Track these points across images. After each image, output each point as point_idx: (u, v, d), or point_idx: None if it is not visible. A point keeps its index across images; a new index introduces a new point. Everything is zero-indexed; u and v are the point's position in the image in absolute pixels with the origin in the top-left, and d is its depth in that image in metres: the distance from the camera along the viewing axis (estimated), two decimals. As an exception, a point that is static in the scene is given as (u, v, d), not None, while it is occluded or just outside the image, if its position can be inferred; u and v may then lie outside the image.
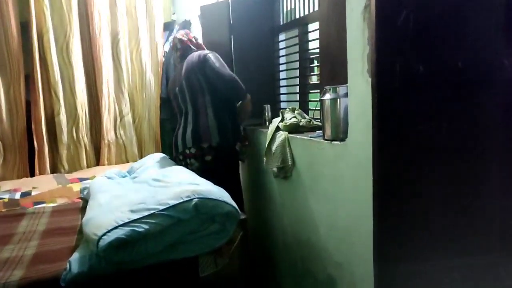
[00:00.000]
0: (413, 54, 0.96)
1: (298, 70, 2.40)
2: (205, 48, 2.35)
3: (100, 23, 2.93)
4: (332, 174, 1.60)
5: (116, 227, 1.25)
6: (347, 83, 1.64)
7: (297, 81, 2.48)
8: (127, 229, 1.24)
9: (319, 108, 1.77)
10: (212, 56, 2.15)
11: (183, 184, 1.54)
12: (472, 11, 1.02)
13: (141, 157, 3.17)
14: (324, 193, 1.67)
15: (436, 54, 0.98)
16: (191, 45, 2.31)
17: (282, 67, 2.43)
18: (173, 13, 3.47)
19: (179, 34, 2.40)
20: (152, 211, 1.30)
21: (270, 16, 2.36)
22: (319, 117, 1.82)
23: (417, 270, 1.14)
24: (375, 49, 0.93)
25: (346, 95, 1.58)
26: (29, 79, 2.79)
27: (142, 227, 1.25)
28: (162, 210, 1.30)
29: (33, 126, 2.81)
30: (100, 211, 1.43)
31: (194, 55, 2.20)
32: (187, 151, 2.16)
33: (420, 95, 0.98)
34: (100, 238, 1.22)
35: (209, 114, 2.12)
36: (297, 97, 2.41)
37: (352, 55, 1.43)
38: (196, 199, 1.33)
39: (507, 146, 1.08)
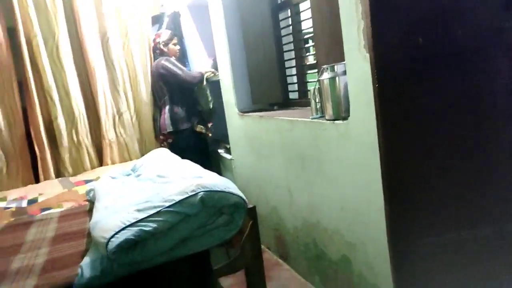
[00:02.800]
0: (411, 26, 0.92)
1: (293, 52, 2.36)
2: (165, 50, 3.03)
3: (88, 23, 2.87)
4: (338, 154, 1.58)
5: (123, 228, 1.23)
6: (344, 61, 1.62)
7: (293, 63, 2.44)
8: (135, 229, 1.23)
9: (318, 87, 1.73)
10: (166, 62, 2.95)
11: (187, 178, 1.52)
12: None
13: (143, 153, 3.15)
14: (332, 174, 1.65)
15: (434, 23, 0.93)
16: (156, 49, 3.07)
17: (285, 47, 2.39)
18: (162, 5, 3.40)
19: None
20: (159, 209, 1.28)
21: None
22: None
23: (431, 245, 1.12)
24: (371, 23, 0.89)
25: (344, 72, 1.54)
26: (23, 85, 2.75)
27: (150, 226, 1.24)
28: (169, 206, 1.28)
29: (32, 133, 2.79)
30: (106, 213, 1.42)
31: (156, 64, 3.02)
32: (160, 136, 3.08)
33: (421, 67, 0.94)
34: (109, 240, 1.21)
35: (166, 109, 2.98)
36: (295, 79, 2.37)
37: (347, 32, 1.39)
38: (202, 193, 1.30)
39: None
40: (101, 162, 3.05)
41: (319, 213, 1.82)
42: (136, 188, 1.74)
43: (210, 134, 3.10)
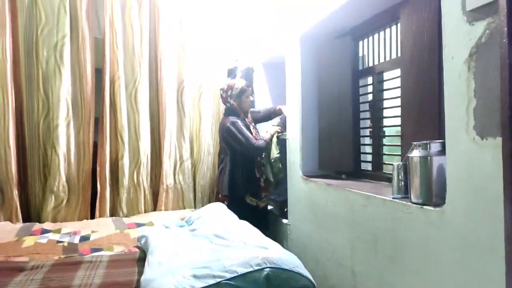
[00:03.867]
0: None
1: (369, 121, 2.24)
2: (235, 104, 2.86)
3: (169, 69, 3.00)
4: (424, 244, 1.36)
5: (178, 296, 1.10)
6: (438, 139, 1.45)
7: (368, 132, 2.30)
8: (190, 299, 1.09)
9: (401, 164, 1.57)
10: (231, 126, 2.74)
11: (250, 246, 1.39)
12: None
13: (195, 203, 3.10)
14: (412, 266, 1.42)
15: None
16: (227, 102, 2.90)
17: (363, 115, 2.28)
18: (236, 60, 3.50)
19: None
20: (218, 280, 1.15)
21: (352, 60, 2.25)
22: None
23: None
24: (510, 107, 0.74)
25: (439, 152, 1.37)
26: (98, 122, 2.87)
27: (206, 298, 1.10)
28: (230, 279, 1.14)
29: (98, 169, 2.85)
30: (160, 272, 1.30)
31: (222, 122, 2.88)
32: (219, 195, 2.93)
33: None
34: (161, 308, 1.08)
35: (227, 170, 2.83)
36: (371, 148, 2.21)
37: (452, 109, 1.23)
38: (268, 269, 1.16)
39: None
40: (155, 207, 3.02)
41: (390, 308, 1.56)
42: (191, 245, 1.63)
43: (262, 206, 2.89)
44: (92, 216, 2.84)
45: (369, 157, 2.23)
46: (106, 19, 2.81)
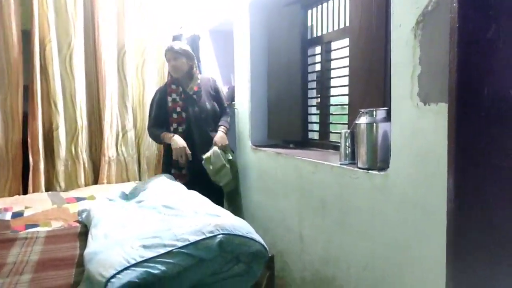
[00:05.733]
0: (504, 77, 0.81)
1: (315, 90, 2.28)
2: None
3: (107, 34, 2.78)
4: (369, 207, 1.43)
5: (127, 268, 1.05)
6: (383, 106, 1.51)
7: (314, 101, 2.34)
8: (140, 270, 1.05)
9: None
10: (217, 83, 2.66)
11: (201, 214, 1.36)
12: None
13: (140, 175, 2.99)
14: (359, 228, 1.49)
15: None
16: None
17: (311, 85, 2.29)
18: (181, 27, 3.34)
19: None
20: (170, 248, 1.11)
21: (301, 29, 2.23)
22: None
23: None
24: (457, 70, 0.77)
25: (385, 119, 1.43)
26: (28, 90, 2.61)
27: (158, 268, 1.06)
28: (181, 247, 1.11)
29: (29, 140, 2.61)
30: (106, 244, 1.24)
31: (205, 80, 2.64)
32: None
33: (510, 126, 0.82)
34: (108, 281, 1.02)
35: None
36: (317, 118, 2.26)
37: (398, 77, 1.28)
38: (221, 236, 1.14)
39: None
40: (96, 180, 2.86)
41: (335, 268, 1.65)
42: (139, 216, 1.56)
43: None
44: (25, 192, 2.62)
45: (317, 127, 2.28)
46: (33, -25, 2.51)
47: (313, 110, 2.35)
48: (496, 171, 0.83)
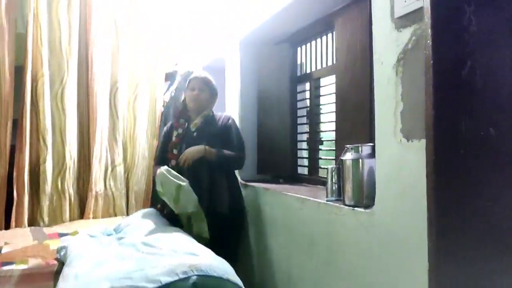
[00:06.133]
0: (482, 113, 0.79)
1: (306, 126, 2.27)
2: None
3: (100, 70, 2.81)
4: (355, 245, 1.37)
5: (92, 312, 0.98)
6: (369, 142, 1.49)
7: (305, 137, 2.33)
8: (106, 314, 0.98)
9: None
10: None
11: (179, 253, 1.30)
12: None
13: (128, 210, 2.91)
14: (346, 267, 1.43)
15: (507, 115, 0.81)
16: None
17: (300, 120, 2.28)
18: (176, 64, 3.40)
19: None
20: (140, 291, 1.04)
21: (290, 66, 2.26)
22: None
23: None
24: (433, 107, 0.76)
25: (370, 155, 1.41)
26: (17, 123, 2.60)
27: (125, 313, 0.99)
28: (153, 290, 1.04)
29: (14, 173, 2.57)
30: (75, 286, 1.16)
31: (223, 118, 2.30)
32: None
33: (489, 166, 0.79)
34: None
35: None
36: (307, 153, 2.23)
37: (381, 113, 1.27)
38: (195, 277, 1.08)
39: None
40: (82, 215, 2.79)
41: (323, 312, 1.56)
42: (116, 254, 1.49)
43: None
44: (8, 227, 2.54)
45: (306, 162, 2.25)
46: (30, 13, 2.57)
47: (304, 145, 2.34)
48: (475, 208, 0.79)
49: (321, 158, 2.12)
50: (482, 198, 0.79)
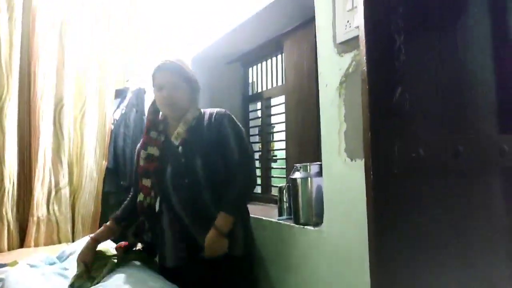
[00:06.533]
0: (412, 136, 0.84)
1: (259, 144, 2.30)
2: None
3: (44, 86, 2.67)
4: (306, 264, 1.39)
5: None
6: (318, 161, 1.53)
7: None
8: None
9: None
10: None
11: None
12: (469, 90, 0.95)
13: (74, 236, 2.75)
14: (299, 285, 1.44)
15: (435, 136, 0.87)
16: None
17: (253, 139, 2.30)
18: (127, 80, 3.32)
19: None
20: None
21: (242, 85, 2.28)
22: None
23: None
24: (369, 129, 0.80)
25: (318, 174, 1.44)
26: None
27: None
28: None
29: None
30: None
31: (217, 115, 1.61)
32: None
33: (420, 182, 0.85)
34: None
35: None
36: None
37: (326, 133, 1.32)
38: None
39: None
40: (22, 243, 2.59)
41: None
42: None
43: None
44: None
45: (259, 180, 2.26)
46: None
47: (257, 164, 2.35)
48: (412, 227, 0.84)
49: (273, 177, 2.15)
50: (414, 211, 0.85)
